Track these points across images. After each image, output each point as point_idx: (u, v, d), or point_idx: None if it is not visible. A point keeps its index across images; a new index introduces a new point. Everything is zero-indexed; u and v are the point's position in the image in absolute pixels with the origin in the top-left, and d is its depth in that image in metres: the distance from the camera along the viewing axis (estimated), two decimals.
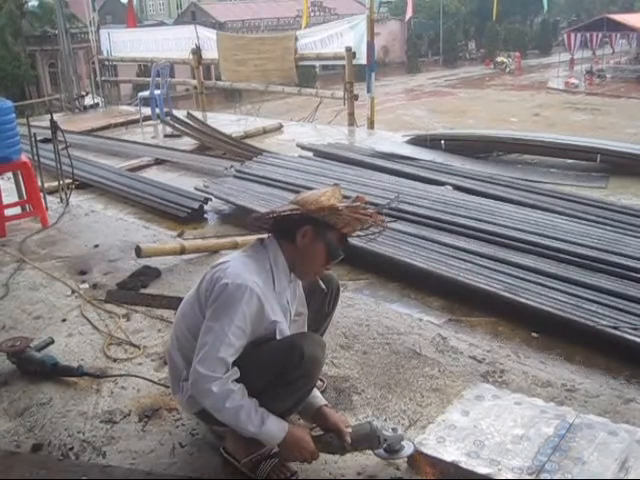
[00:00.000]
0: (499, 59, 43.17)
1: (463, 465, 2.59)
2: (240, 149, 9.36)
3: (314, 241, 2.61)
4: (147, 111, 13.08)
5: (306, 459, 2.59)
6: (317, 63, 16.24)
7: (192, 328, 2.62)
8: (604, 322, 4.10)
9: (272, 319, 2.57)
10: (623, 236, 5.47)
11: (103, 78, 16.80)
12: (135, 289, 4.66)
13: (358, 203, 2.63)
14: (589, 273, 4.81)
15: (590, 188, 7.61)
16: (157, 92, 12.82)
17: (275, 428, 2.50)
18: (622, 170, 8.18)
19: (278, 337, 2.60)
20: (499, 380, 3.41)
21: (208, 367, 2.43)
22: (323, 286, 2.90)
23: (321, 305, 3.01)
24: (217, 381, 2.42)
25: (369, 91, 11.65)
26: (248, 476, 2.67)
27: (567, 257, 5.04)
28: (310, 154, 8.72)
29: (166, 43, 15.30)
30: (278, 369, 2.49)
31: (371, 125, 11.74)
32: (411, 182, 7.03)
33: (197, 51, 14.15)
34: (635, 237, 5.48)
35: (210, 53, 14.15)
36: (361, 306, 4.32)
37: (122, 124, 12.85)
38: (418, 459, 2.69)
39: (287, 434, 2.52)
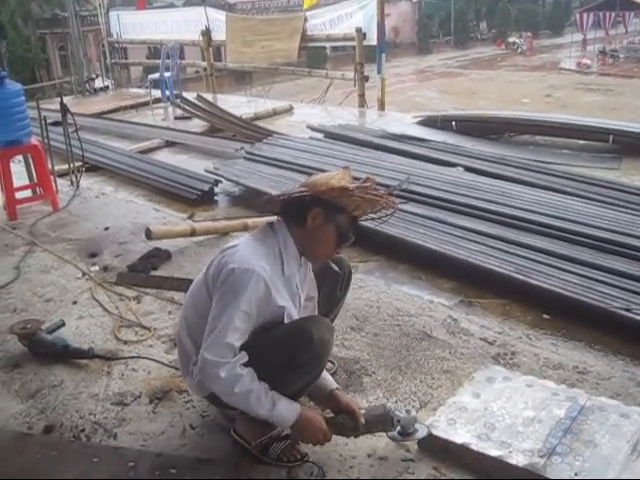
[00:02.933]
0: (511, 39, 42.82)
1: (474, 447, 2.59)
2: (250, 131, 9.33)
3: (324, 224, 2.58)
4: (157, 93, 13.07)
5: (319, 441, 2.59)
6: (327, 44, 16.12)
7: (200, 311, 2.61)
8: (616, 304, 4.07)
9: (280, 304, 2.55)
10: (636, 218, 5.43)
11: (113, 60, 16.79)
12: (145, 271, 4.67)
13: (369, 184, 2.60)
14: (601, 255, 4.77)
15: (603, 169, 7.55)
16: (167, 74, 12.79)
17: (287, 410, 2.49)
18: (635, 151, 8.09)
19: (286, 322, 2.57)
20: (510, 362, 3.40)
21: (215, 353, 2.41)
22: (336, 268, 2.89)
23: (333, 289, 2.99)
24: (225, 366, 2.40)
25: (379, 72, 11.58)
26: (258, 458, 2.67)
27: (579, 239, 5.00)
28: (320, 135, 8.68)
29: (176, 25, 15.25)
30: (287, 353, 2.47)
31: (381, 106, 11.67)
32: (422, 163, 6.99)
33: (207, 32, 14.10)
34: None
35: (220, 34, 14.10)
36: (372, 288, 4.31)
37: (132, 106, 12.83)
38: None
39: (299, 416, 2.51)
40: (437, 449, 2.68)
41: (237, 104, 12.33)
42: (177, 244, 5.12)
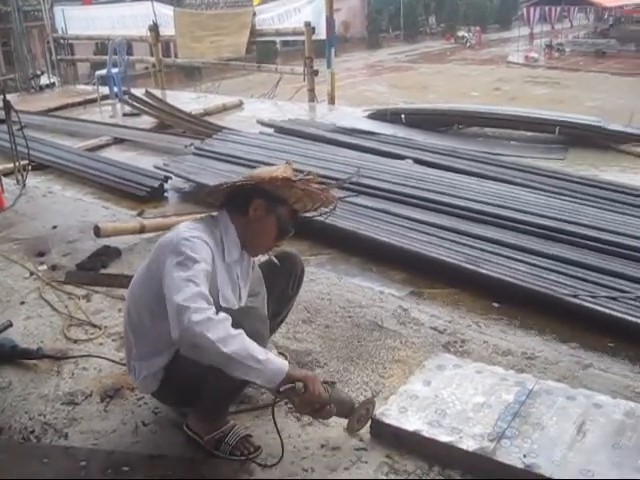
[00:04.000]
0: (460, 34, 43.24)
1: (425, 434, 2.62)
2: (200, 126, 9.27)
3: (266, 215, 2.62)
4: (105, 90, 12.86)
5: (320, 399, 2.45)
6: (277, 39, 16.11)
7: (142, 304, 2.59)
8: (564, 291, 4.16)
9: (217, 283, 2.54)
10: (582, 206, 5.55)
11: (59, 57, 16.48)
12: (95, 269, 4.61)
13: (311, 177, 2.65)
14: (549, 243, 4.87)
15: (549, 160, 7.70)
16: (115, 70, 12.62)
17: (279, 361, 2.36)
18: (580, 142, 8.30)
19: (222, 303, 2.53)
20: (460, 350, 3.44)
21: (189, 300, 2.26)
22: (276, 261, 2.91)
23: (284, 288, 3.00)
24: (206, 311, 2.26)
25: (329, 66, 11.61)
26: (212, 453, 2.67)
27: (528, 228, 5.10)
28: (271, 130, 8.67)
29: (123, 20, 15.03)
30: None
31: (332, 101, 11.70)
32: (372, 156, 7.04)
33: (154, 28, 13.94)
34: (593, 207, 5.56)
35: (168, 30, 13.94)
36: (323, 281, 4.33)
37: (80, 103, 12.63)
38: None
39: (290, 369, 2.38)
40: (389, 437, 2.70)
41: (187, 100, 12.24)
42: (127, 241, 5.07)
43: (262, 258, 2.98)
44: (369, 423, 2.73)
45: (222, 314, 2.31)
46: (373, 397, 2.86)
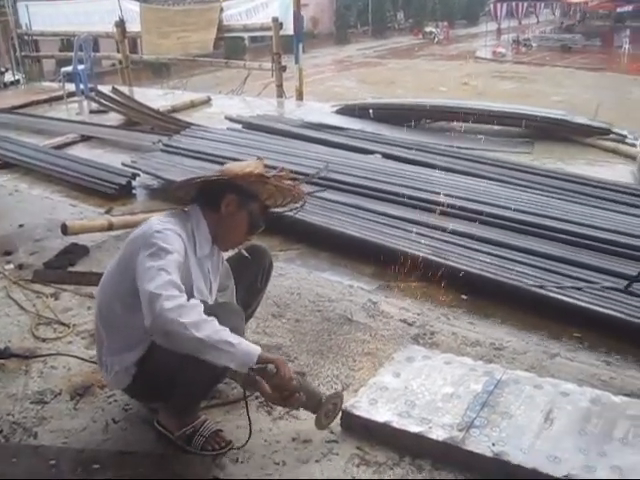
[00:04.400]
0: (427, 29, 43.38)
1: (395, 425, 2.64)
2: (168, 123, 9.22)
3: (238, 210, 2.64)
4: (71, 87, 12.72)
5: (287, 385, 2.44)
6: (244, 34, 16.01)
7: (114, 299, 2.58)
8: (531, 282, 4.21)
9: (192, 276, 2.56)
10: (549, 199, 5.62)
11: (23, 53, 16.28)
12: (63, 268, 4.57)
13: (283, 173, 2.70)
14: (517, 235, 4.93)
15: (516, 153, 7.79)
16: (81, 67, 12.48)
17: (250, 345, 2.38)
18: (546, 135, 8.42)
19: (196, 295, 2.55)
20: (429, 342, 3.48)
21: (161, 288, 2.27)
22: (246, 254, 2.93)
23: (253, 281, 3.02)
24: (179, 298, 2.28)
25: (297, 62, 11.60)
26: (183, 448, 2.67)
27: (496, 221, 5.16)
28: (239, 126, 8.65)
29: (88, 16, 14.84)
30: None
31: (300, 96, 11.70)
32: (341, 152, 7.06)
33: (121, 24, 13.80)
34: (560, 200, 5.63)
35: (135, 26, 13.81)
36: (292, 275, 4.34)
37: (45, 101, 12.44)
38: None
39: (261, 354, 2.39)
40: (360, 429, 2.72)
41: (154, 97, 12.15)
42: (95, 239, 5.04)
43: (230, 252, 2.99)
44: (339, 416, 2.74)
45: (194, 300, 2.34)
46: (341, 391, 2.87)
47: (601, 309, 3.90)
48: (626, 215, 5.32)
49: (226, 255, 2.96)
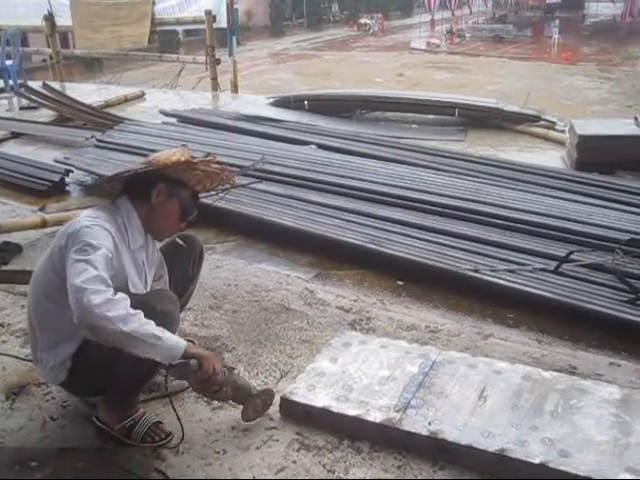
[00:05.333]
0: (362, 21, 43.44)
1: (333, 409, 2.68)
2: (101, 118, 9.06)
3: (168, 199, 2.65)
4: (0, 83, 12.41)
5: (210, 377, 2.49)
6: (178, 28, 15.87)
7: (45, 293, 2.57)
8: (465, 266, 4.29)
9: (125, 270, 2.56)
10: (482, 185, 5.72)
11: None
12: None
13: (210, 158, 2.70)
14: (452, 222, 5.01)
15: (450, 141, 7.90)
16: (9, 62, 12.17)
17: (175, 339, 2.44)
18: (479, 123, 8.56)
19: (131, 289, 2.57)
20: (366, 327, 3.53)
21: (87, 282, 2.28)
22: (181, 242, 2.94)
23: (185, 269, 3.01)
24: (106, 293, 2.30)
25: (231, 55, 11.51)
26: (123, 442, 2.65)
27: (431, 208, 5.23)
28: (174, 120, 8.56)
29: (15, 9, 14.45)
30: None
31: (235, 89, 11.62)
32: (276, 143, 7.04)
33: (50, 18, 13.46)
34: (493, 185, 5.74)
35: (65, 20, 13.46)
36: (229, 267, 4.34)
37: None
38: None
39: (188, 346, 2.45)
40: (299, 415, 2.75)
41: (87, 92, 11.91)
42: (28, 237, 4.95)
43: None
44: (278, 403, 2.77)
45: (120, 294, 2.34)
46: (272, 389, 2.88)
47: (533, 290, 4.01)
48: (556, 199, 5.45)
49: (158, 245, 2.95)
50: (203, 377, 2.47)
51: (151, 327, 2.33)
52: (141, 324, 2.31)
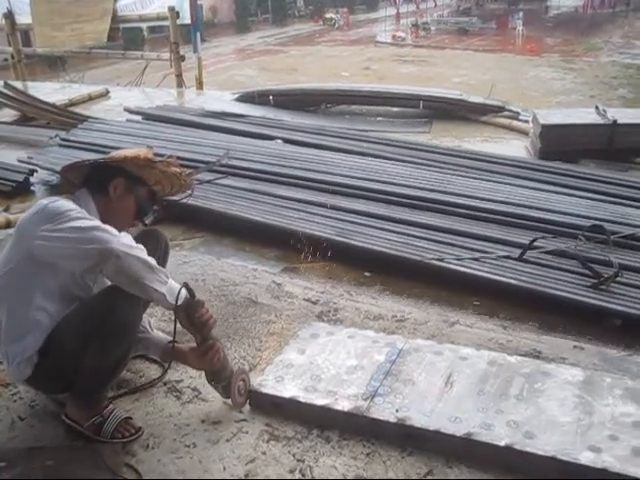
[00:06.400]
0: (328, 15, 43.43)
1: (302, 399, 2.70)
2: (65, 117, 8.97)
3: (125, 194, 2.68)
4: None
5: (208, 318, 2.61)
6: (141, 25, 15.72)
7: (9, 287, 2.54)
8: (431, 256, 4.33)
9: None
10: (448, 176, 5.78)
11: None
12: None
13: (171, 160, 2.76)
14: (418, 212, 5.06)
15: (416, 133, 7.96)
16: None
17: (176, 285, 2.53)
18: (444, 115, 8.63)
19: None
20: (333, 318, 3.55)
21: (99, 225, 2.43)
22: (146, 222, 2.99)
23: None
24: (118, 237, 2.41)
25: (195, 51, 11.47)
26: (92, 438, 2.65)
27: (397, 199, 5.27)
28: (139, 118, 8.50)
29: None
30: (96, 322, 2.47)
31: (200, 86, 11.58)
32: (242, 138, 7.04)
33: (9, 16, 13.27)
34: (459, 176, 5.80)
35: (25, 18, 13.24)
36: (197, 262, 4.33)
37: None
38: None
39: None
40: (268, 406, 2.76)
41: (50, 91, 11.77)
42: None
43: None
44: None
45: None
46: (244, 367, 2.92)
47: (497, 277, 4.07)
48: (520, 187, 5.53)
49: None
50: (208, 318, 2.60)
51: (163, 273, 2.47)
52: (153, 259, 2.45)
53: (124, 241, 2.39)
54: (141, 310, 2.68)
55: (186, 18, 11.41)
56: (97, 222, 2.43)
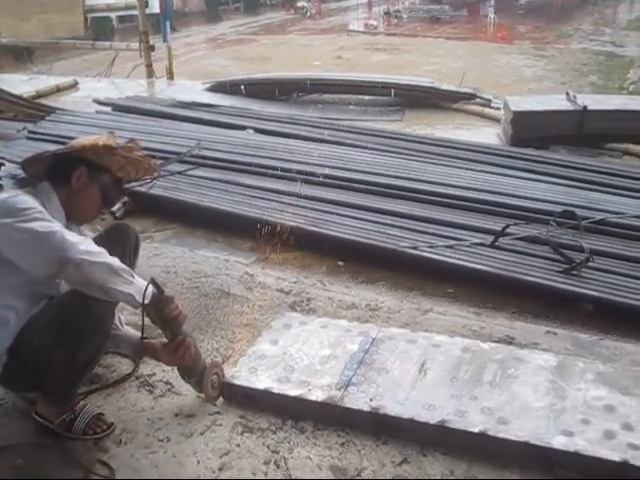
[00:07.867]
0: (299, 4, 43.21)
1: (275, 390, 2.68)
2: (33, 109, 8.82)
3: (89, 183, 2.63)
4: None
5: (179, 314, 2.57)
6: (110, 14, 15.56)
7: None
8: (404, 244, 4.33)
9: None
10: (421, 164, 5.80)
11: None
12: None
13: (132, 145, 2.69)
14: (391, 200, 5.07)
15: (388, 122, 7.96)
16: None
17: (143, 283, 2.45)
18: (416, 103, 8.65)
19: None
20: (306, 308, 3.53)
21: (54, 229, 2.31)
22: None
23: (121, 257, 2.95)
24: (74, 235, 2.35)
25: (165, 40, 11.36)
26: (64, 436, 2.61)
27: (370, 188, 5.27)
28: (108, 109, 8.41)
29: None
30: (69, 319, 2.43)
31: (170, 76, 11.48)
32: (213, 129, 7.01)
33: None
34: (432, 164, 5.82)
35: None
36: (168, 254, 4.28)
37: None
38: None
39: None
40: (242, 398, 2.74)
41: (17, 83, 11.58)
42: None
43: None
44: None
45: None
46: (218, 361, 2.90)
47: (470, 264, 4.08)
48: (492, 174, 5.56)
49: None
50: (178, 312, 2.54)
51: (128, 273, 2.39)
52: (116, 260, 2.36)
53: (82, 247, 2.30)
54: (114, 307, 2.63)
55: (155, 7, 11.33)
56: (56, 226, 2.34)
